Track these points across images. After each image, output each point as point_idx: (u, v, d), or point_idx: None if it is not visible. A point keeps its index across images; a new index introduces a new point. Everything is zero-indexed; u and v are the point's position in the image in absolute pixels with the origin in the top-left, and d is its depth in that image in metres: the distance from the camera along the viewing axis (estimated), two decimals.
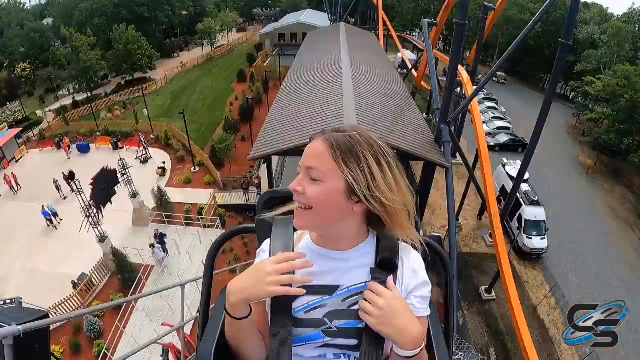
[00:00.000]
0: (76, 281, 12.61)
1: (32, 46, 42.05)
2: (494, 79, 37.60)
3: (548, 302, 13.82)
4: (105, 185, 12.60)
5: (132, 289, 11.85)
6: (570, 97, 37.86)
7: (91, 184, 12.22)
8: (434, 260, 1.05)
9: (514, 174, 15.74)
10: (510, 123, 25.44)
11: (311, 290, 0.88)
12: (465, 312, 11.67)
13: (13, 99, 38.74)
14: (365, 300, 0.83)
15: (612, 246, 18.21)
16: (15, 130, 25.96)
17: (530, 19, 11.47)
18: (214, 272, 1.23)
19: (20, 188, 21.40)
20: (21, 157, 25.10)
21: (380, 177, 0.82)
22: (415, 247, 0.99)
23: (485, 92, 31.13)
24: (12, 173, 21.58)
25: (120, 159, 13.81)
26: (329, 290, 0.90)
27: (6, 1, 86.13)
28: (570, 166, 24.53)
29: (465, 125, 20.71)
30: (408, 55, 34.58)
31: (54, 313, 12.48)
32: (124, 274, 12.19)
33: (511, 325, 11.76)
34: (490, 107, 27.81)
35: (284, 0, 48.87)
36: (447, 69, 15.92)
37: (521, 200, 15.08)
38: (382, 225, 0.89)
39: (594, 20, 39.53)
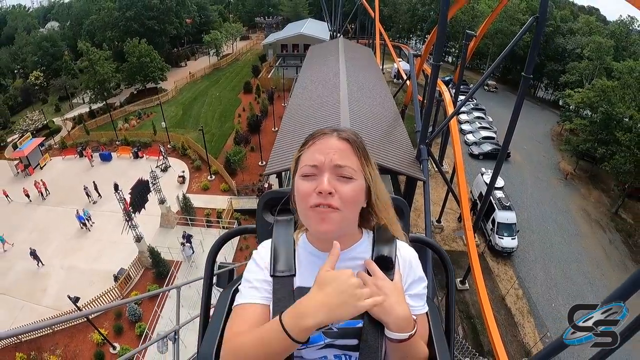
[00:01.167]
0: (117, 275, 15.24)
1: (44, 55, 44.61)
2: (485, 87, 40.26)
3: (516, 293, 16.46)
4: (140, 193, 15.20)
5: (167, 280, 14.50)
6: (561, 104, 40.43)
7: (130, 193, 14.81)
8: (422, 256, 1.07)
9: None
10: (495, 133, 28.04)
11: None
12: (441, 299, 14.32)
13: (27, 106, 41.42)
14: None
15: (581, 245, 20.85)
16: (39, 140, 28.56)
17: (520, 30, 13.49)
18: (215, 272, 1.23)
19: (49, 194, 23.99)
20: (45, 164, 27.67)
21: (378, 175, 0.92)
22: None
23: (475, 101, 33.76)
24: (41, 180, 24.16)
25: (152, 171, 16.45)
26: None
27: (10, 5, 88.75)
28: (550, 172, 27.14)
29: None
30: (403, 65, 37.20)
31: (99, 303, 15.12)
32: (158, 268, 14.82)
33: (480, 310, 14.40)
34: (478, 117, 30.44)
35: (286, 9, 51.50)
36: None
37: (495, 205, 17.71)
38: (368, 222, 0.98)
39: (582, 30, 42.01)
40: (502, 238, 17.16)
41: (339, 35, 43.53)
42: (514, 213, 17.84)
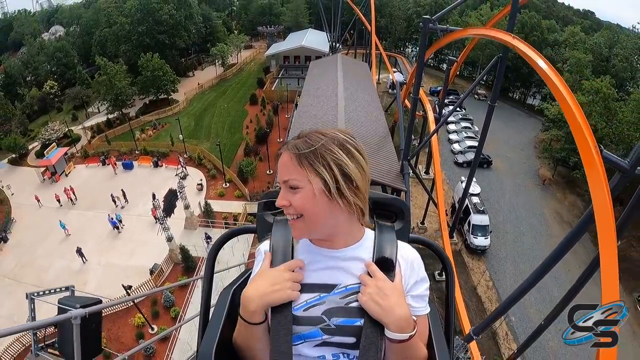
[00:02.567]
0: (152, 269, 18.62)
1: (58, 65, 47.96)
2: (475, 96, 43.65)
3: (486, 284, 19.85)
4: (170, 201, 18.57)
5: (195, 272, 17.92)
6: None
7: (163, 201, 18.18)
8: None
9: (471, 189, 21.87)
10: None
11: (310, 288, 0.97)
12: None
13: (43, 114, 44.66)
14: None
15: (550, 245, 24.06)
16: (64, 149, 31.91)
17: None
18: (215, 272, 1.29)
19: (77, 199, 27.29)
20: (70, 172, 30.99)
21: (353, 165, 0.93)
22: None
23: (464, 112, 37.18)
24: (70, 186, 27.47)
25: (180, 181, 19.83)
26: (327, 288, 0.97)
27: (15, 11, 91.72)
28: (529, 178, 30.47)
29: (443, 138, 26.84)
30: (397, 77, 40.59)
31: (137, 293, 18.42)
32: (187, 263, 18.22)
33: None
34: (465, 127, 33.82)
35: (287, 18, 54.91)
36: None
37: (470, 209, 21.12)
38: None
39: (567, 41, 45.26)
40: (477, 237, 20.54)
41: (338, 45, 47.00)
42: (487, 216, 21.23)
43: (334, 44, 46.54)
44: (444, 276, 1.39)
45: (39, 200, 27.47)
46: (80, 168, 31.30)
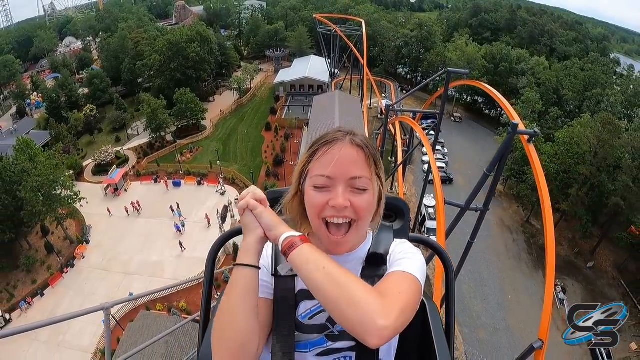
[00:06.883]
0: None
1: (95, 90, 59.40)
2: (452, 118, 55.02)
3: (434, 269, 31.45)
4: (224, 213, 30.19)
5: None
6: None
7: (222, 211, 29.75)
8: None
9: (428, 202, 33.59)
10: (446, 163, 42.91)
11: (313, 295, 0.97)
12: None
13: (85, 134, 55.90)
14: None
15: (488, 242, 35.57)
16: (124, 169, 43.36)
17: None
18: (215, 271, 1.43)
19: (142, 209, 38.72)
20: (128, 188, 42.43)
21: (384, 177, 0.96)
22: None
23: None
24: (136, 200, 38.93)
25: (229, 200, 31.37)
26: None
27: (31, 22, 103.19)
28: (482, 192, 41.72)
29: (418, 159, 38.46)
30: (385, 102, 51.93)
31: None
32: (235, 254, 29.75)
33: None
34: (436, 149, 45.31)
35: (291, 44, 66.33)
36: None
37: (426, 217, 32.74)
38: (374, 221, 1.06)
39: (535, 69, 56.27)
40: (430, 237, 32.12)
41: (336, 71, 58.59)
42: None
43: (333, 70, 58.22)
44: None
45: (109, 211, 38.64)
46: (136, 185, 42.56)
